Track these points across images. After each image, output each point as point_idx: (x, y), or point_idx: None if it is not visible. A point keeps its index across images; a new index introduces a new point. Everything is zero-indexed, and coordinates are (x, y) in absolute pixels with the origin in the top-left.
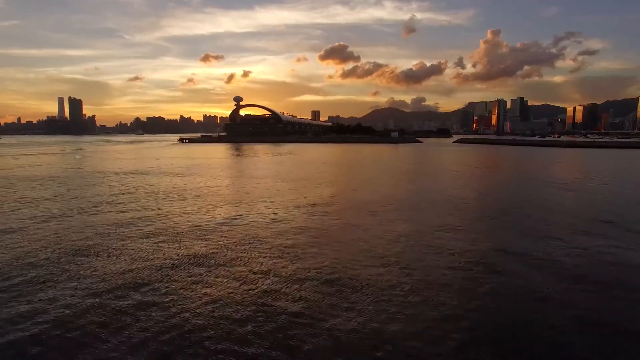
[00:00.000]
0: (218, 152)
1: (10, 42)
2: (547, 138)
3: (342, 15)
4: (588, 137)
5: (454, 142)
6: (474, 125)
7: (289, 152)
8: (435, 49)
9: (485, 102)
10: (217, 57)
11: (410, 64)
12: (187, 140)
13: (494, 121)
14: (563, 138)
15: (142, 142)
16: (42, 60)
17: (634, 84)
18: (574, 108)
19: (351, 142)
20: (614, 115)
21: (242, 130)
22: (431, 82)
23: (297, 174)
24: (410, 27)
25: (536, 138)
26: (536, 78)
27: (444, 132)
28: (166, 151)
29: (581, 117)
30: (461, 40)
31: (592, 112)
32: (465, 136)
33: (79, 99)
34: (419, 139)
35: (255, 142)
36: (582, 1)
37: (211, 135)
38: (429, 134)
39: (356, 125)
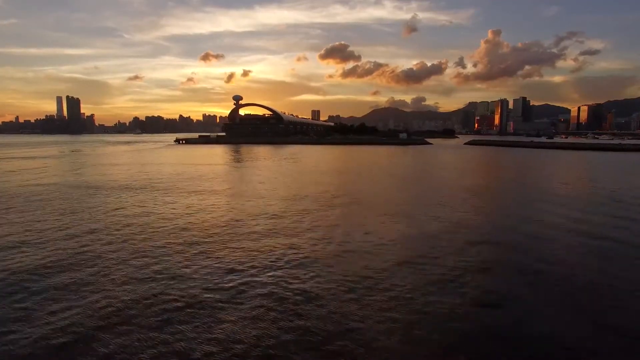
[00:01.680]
0: (216, 157)
1: (10, 41)
2: (555, 139)
3: (342, 15)
4: (597, 138)
5: (465, 143)
6: (476, 125)
7: (293, 157)
8: (436, 48)
9: (487, 102)
10: (217, 56)
11: (411, 63)
12: (183, 142)
13: (496, 121)
14: (570, 139)
15: (138, 142)
16: (42, 59)
17: (634, 84)
18: (579, 108)
19: (356, 143)
20: (616, 116)
21: (241, 130)
22: (431, 81)
23: (311, 191)
24: (411, 26)
25: (544, 139)
26: (537, 78)
27: (449, 133)
28: (160, 155)
29: (586, 117)
30: (462, 40)
31: (596, 112)
32: (476, 137)
33: (77, 98)
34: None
35: (255, 144)
36: (582, 1)
37: (209, 135)
38: (433, 134)
39: (359, 125)
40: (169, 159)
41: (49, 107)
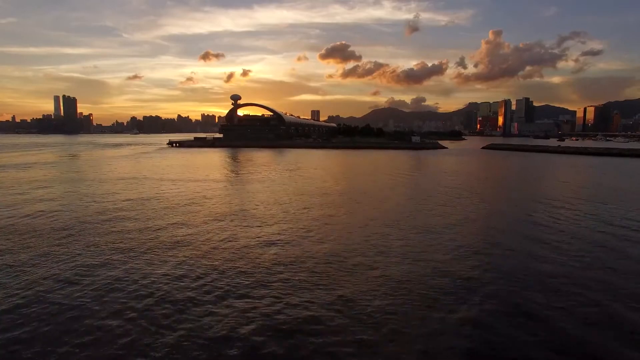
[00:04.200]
0: (210, 167)
1: (8, 40)
2: (567, 141)
3: (341, 15)
4: (610, 140)
5: (483, 148)
6: (478, 126)
7: (301, 167)
8: (437, 48)
9: (489, 103)
10: (217, 55)
11: (411, 63)
12: (177, 145)
13: (500, 122)
14: (581, 141)
15: (131, 144)
16: (40, 58)
17: (633, 85)
18: (585, 109)
19: (365, 147)
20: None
21: (240, 132)
22: (431, 82)
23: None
24: (413, 26)
25: (556, 141)
26: (537, 78)
27: (456, 135)
28: (148, 163)
29: (592, 118)
30: (462, 40)
31: (603, 114)
32: (494, 140)
33: (74, 97)
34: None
35: (254, 147)
36: (579, 2)
37: (205, 137)
38: (440, 136)
39: (365, 126)
40: (155, 171)
41: (48, 107)
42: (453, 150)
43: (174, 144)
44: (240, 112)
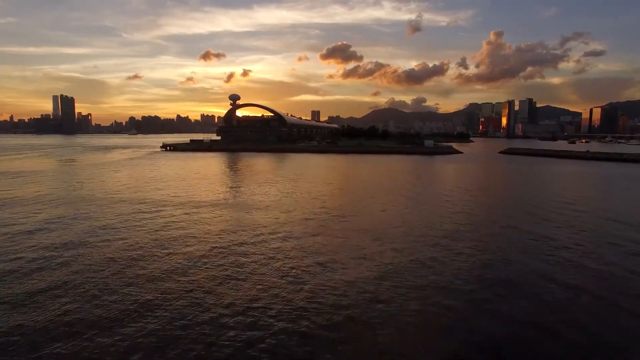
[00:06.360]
0: (202, 183)
1: (8, 40)
2: (577, 143)
3: (341, 15)
4: (622, 143)
5: (501, 152)
6: (480, 127)
7: (310, 182)
8: (437, 49)
9: (492, 104)
10: (217, 55)
11: (412, 64)
12: (171, 148)
13: (503, 123)
14: (594, 143)
15: (126, 147)
16: (40, 58)
17: (633, 86)
18: (591, 110)
19: (375, 152)
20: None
21: (239, 134)
22: (432, 82)
23: None
24: (415, 26)
25: (566, 143)
26: (538, 79)
27: (464, 137)
28: (132, 174)
29: (599, 119)
30: (463, 40)
31: (609, 115)
32: (510, 144)
33: (72, 97)
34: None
35: (254, 151)
36: (579, 3)
37: (202, 140)
38: (448, 138)
39: (370, 127)
40: (136, 188)
41: (47, 107)
42: (470, 155)
43: (168, 147)
44: (240, 112)
